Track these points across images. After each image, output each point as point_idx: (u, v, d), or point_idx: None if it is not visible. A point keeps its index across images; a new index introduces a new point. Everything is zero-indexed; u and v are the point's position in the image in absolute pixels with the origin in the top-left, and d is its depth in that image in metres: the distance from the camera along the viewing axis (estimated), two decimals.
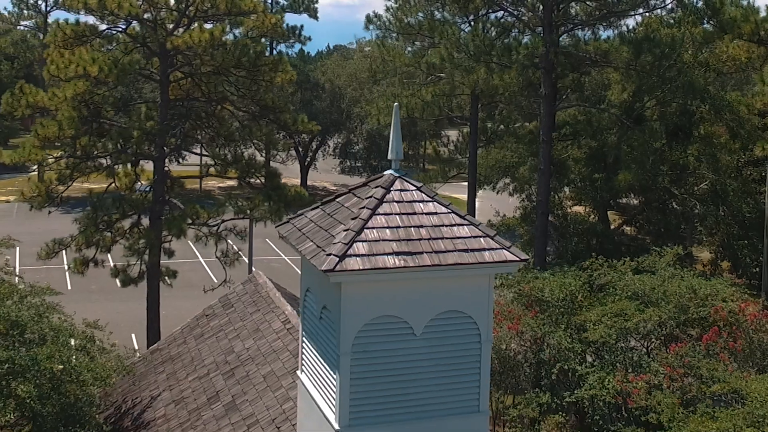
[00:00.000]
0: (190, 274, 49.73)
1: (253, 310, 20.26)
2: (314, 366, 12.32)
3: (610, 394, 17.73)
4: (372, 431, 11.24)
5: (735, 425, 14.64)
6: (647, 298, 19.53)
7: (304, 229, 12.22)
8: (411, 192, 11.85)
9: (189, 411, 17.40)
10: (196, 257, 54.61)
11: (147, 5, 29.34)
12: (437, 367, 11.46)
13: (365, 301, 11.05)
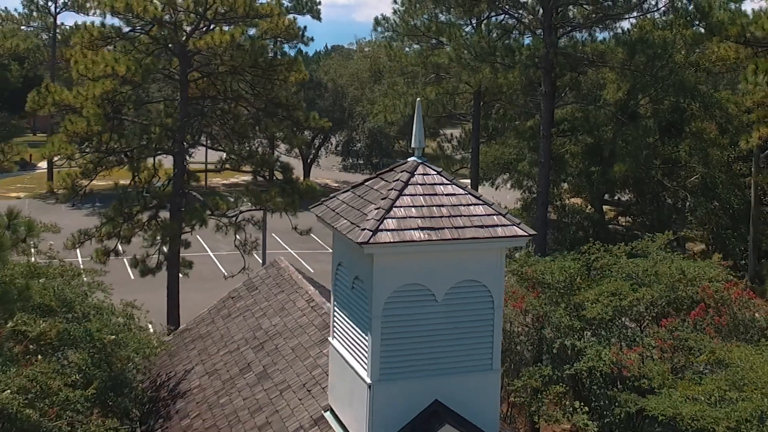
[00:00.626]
0: (201, 267, 51.14)
1: (278, 291, 21.70)
2: (345, 331, 13.80)
3: (607, 366, 19.19)
4: (399, 385, 12.75)
5: (718, 387, 16.13)
6: (640, 280, 21.02)
7: (338, 209, 13.72)
8: (432, 176, 13.36)
9: (223, 381, 18.85)
10: (206, 251, 56.03)
11: (169, 8, 30.77)
12: (455, 330, 12.97)
13: (394, 271, 12.56)
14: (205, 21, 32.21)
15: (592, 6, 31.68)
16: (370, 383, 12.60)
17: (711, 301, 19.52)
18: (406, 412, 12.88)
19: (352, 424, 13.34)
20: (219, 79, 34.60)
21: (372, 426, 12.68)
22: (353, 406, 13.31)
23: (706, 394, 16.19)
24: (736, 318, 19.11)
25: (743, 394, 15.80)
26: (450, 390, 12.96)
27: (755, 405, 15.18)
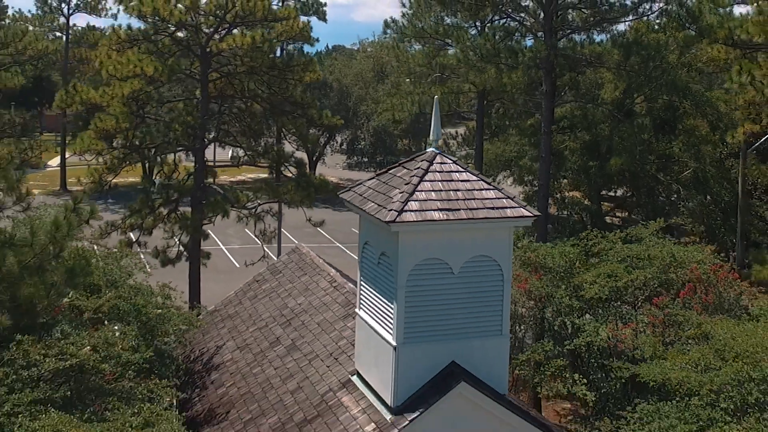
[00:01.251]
0: (215, 260, 52.77)
1: (301, 274, 23.33)
2: (372, 302, 15.46)
3: (603, 341, 20.82)
4: (420, 347, 14.41)
5: (703, 356, 17.75)
6: (634, 263, 22.63)
7: (365, 194, 15.39)
8: (449, 164, 15.03)
9: (254, 354, 20.48)
10: (218, 245, 57.65)
11: (192, 12, 32.34)
12: (470, 299, 14.63)
13: (416, 247, 14.23)
14: (224, 24, 33.82)
15: (590, 10, 33.32)
16: (396, 345, 14.27)
17: (698, 282, 21.18)
18: (427, 372, 14.55)
19: (378, 384, 15.00)
20: (237, 79, 36.18)
21: (397, 384, 14.35)
22: (379, 367, 14.97)
23: (692, 362, 17.83)
24: (721, 296, 20.74)
25: (725, 362, 17.46)
26: (465, 352, 14.63)
27: (735, 370, 16.82)
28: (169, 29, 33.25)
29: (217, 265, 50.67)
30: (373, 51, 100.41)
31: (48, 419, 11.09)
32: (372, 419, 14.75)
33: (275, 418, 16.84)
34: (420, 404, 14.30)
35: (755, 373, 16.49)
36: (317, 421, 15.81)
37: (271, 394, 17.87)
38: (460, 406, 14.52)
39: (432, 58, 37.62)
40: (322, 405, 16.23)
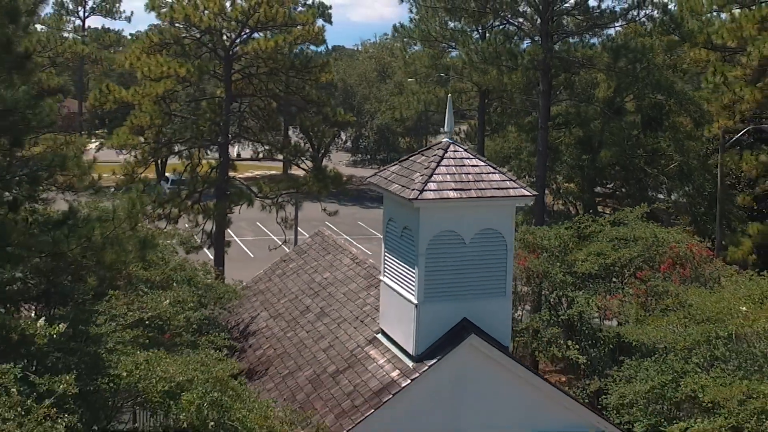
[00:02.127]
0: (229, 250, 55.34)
1: (325, 254, 25.79)
2: (395, 269, 17.93)
3: (593, 310, 23.27)
4: (437, 305, 16.90)
5: (679, 319, 20.22)
6: (621, 243, 25.07)
7: (390, 177, 17.87)
8: (461, 152, 17.51)
9: (287, 321, 22.94)
10: (232, 236, 60.08)
11: (219, 18, 34.71)
12: (479, 265, 17.10)
13: (434, 221, 16.71)
14: (247, 28, 36.22)
15: (583, 15, 35.78)
16: (417, 304, 16.77)
17: (677, 259, 23.64)
18: (442, 327, 17.05)
19: (401, 338, 17.49)
20: (256, 79, 38.56)
21: (417, 337, 16.85)
22: (402, 324, 17.47)
23: (670, 324, 20.33)
24: (696, 271, 23.21)
25: (697, 323, 19.95)
26: (475, 310, 17.12)
27: (704, 330, 19.29)
28: (196, 33, 35.64)
29: (232, 255, 53.15)
30: (374, 52, 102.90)
31: (141, 355, 13.54)
32: (396, 367, 17.27)
33: (310, 371, 19.32)
34: (437, 353, 16.81)
35: (721, 332, 18.97)
36: (348, 371, 18.31)
37: (305, 353, 20.34)
38: (471, 356, 17.03)
39: (437, 60, 40.08)
40: (351, 358, 18.73)
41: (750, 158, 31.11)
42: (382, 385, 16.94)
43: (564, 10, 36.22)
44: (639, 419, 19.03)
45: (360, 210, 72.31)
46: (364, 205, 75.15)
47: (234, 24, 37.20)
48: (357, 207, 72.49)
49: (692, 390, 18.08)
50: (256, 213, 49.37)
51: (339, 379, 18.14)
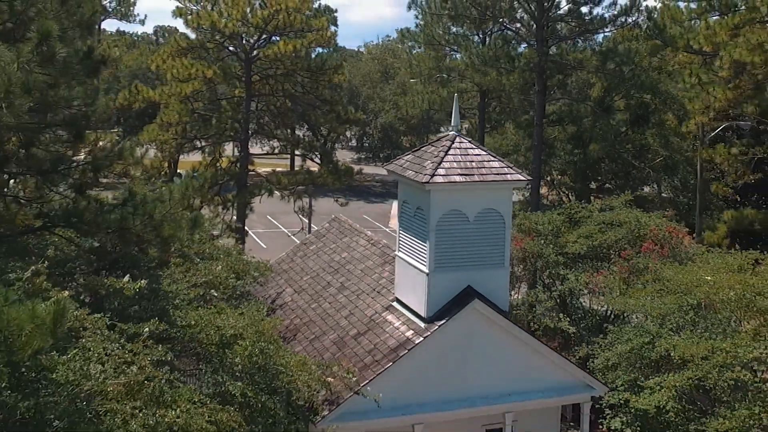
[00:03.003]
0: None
1: (342, 236, 28.28)
2: (409, 245, 20.43)
3: (582, 285, 25.74)
4: (445, 274, 19.39)
5: (655, 291, 22.73)
6: (607, 227, 27.52)
7: (404, 165, 20.38)
8: (465, 143, 20.01)
9: (310, 295, 25.43)
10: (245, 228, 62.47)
11: (242, 25, 37.14)
12: (481, 240, 19.60)
13: (442, 201, 19.21)
14: (266, 33, 38.71)
15: (575, 22, 38.27)
16: (428, 273, 19.29)
17: (656, 240, 26.12)
18: (449, 293, 19.55)
19: (414, 303, 20.00)
20: (273, 80, 41.02)
21: (428, 301, 19.36)
22: (415, 291, 19.98)
23: (647, 296, 22.84)
24: (674, 250, 25.69)
25: (671, 294, 22.46)
26: (477, 279, 19.62)
27: (676, 300, 21.81)
28: (220, 38, 38.13)
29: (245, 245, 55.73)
30: (377, 53, 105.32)
31: (200, 311, 16.02)
32: (411, 327, 19.80)
33: (334, 335, 21.82)
34: (445, 315, 19.34)
35: (691, 300, 21.51)
36: (368, 333, 20.83)
37: (328, 320, 22.85)
38: (475, 318, 19.56)
39: (440, 62, 42.51)
40: (371, 323, 21.24)
41: (723, 151, 33.63)
42: (398, 343, 19.48)
43: (558, 16, 38.72)
44: (620, 376, 21.51)
45: (365, 204, 74.91)
46: (368, 200, 77.79)
47: (253, 29, 39.72)
48: (362, 202, 75.10)
49: (665, 350, 20.56)
50: (266, 207, 51.95)
51: (360, 340, 20.66)
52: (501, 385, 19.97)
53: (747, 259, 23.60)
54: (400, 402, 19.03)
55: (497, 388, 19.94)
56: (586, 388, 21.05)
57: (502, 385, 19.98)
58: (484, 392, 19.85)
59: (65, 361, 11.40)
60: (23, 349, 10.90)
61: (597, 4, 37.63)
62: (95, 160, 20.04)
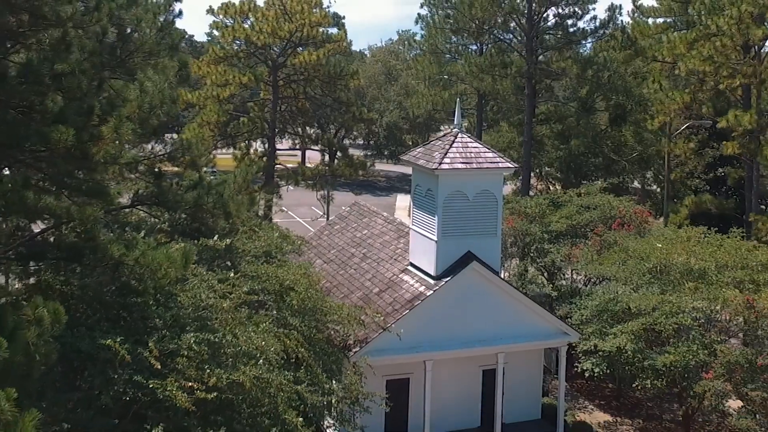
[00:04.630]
0: None
1: (362, 218, 32.65)
2: (420, 219, 24.79)
3: (563, 257, 30.12)
4: (450, 241, 23.73)
5: (620, 259, 27.14)
6: (584, 209, 31.88)
7: (417, 155, 24.77)
8: (466, 138, 24.38)
9: (337, 264, 29.79)
10: None
11: (272, 37, 41.44)
12: (478, 214, 23.93)
13: (448, 184, 23.57)
14: (291, 44, 43.09)
15: (560, 33, 42.60)
16: (436, 240, 23.68)
17: (624, 219, 30.55)
18: (453, 256, 23.88)
19: (425, 265, 24.36)
20: (296, 84, 45.39)
21: (437, 263, 23.69)
22: (426, 255, 24.35)
23: (614, 263, 27.24)
24: (638, 227, 30.11)
25: (632, 260, 26.87)
26: (475, 245, 23.96)
27: (636, 264, 26.22)
28: (251, 49, 42.53)
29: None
30: (381, 56, 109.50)
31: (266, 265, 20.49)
32: (423, 284, 24.19)
33: (360, 293, 26.19)
34: (450, 274, 23.70)
35: (648, 265, 25.93)
36: (389, 290, 25.23)
37: (355, 282, 27.24)
38: (473, 276, 23.93)
39: (442, 68, 46.82)
40: (390, 282, 25.63)
41: (683, 146, 38.01)
42: (413, 296, 23.91)
43: (546, 29, 43.10)
44: (591, 326, 25.90)
45: (372, 197, 79.39)
46: (375, 194, 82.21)
47: (279, 41, 44.11)
48: (369, 195, 79.54)
49: (626, 304, 24.98)
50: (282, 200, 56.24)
51: (382, 296, 25.06)
52: (494, 331, 24.30)
53: (695, 233, 28.05)
54: (415, 342, 23.39)
55: (491, 333, 24.28)
56: (563, 335, 25.43)
57: (495, 331, 24.31)
58: (480, 336, 24.19)
59: (189, 288, 15.77)
60: (163, 278, 15.34)
61: (579, 18, 42.06)
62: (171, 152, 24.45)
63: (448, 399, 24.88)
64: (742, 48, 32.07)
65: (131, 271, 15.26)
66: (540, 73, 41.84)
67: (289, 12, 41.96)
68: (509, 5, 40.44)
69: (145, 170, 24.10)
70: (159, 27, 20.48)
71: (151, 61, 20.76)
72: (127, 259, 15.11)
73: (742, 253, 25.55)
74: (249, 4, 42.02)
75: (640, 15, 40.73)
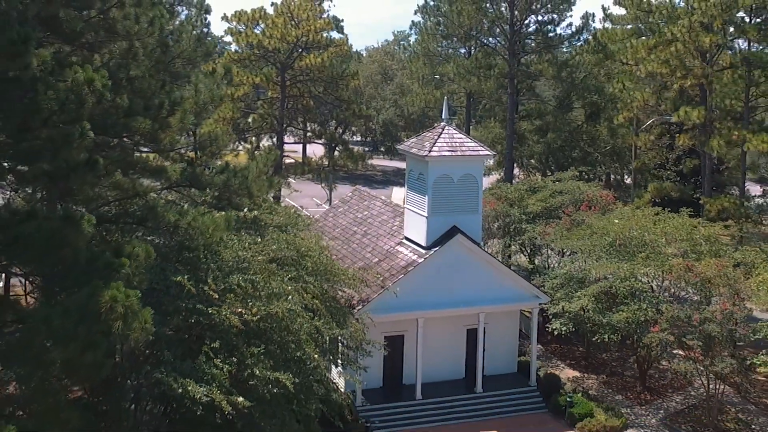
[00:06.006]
0: None
1: (362, 201, 36.27)
2: (413, 199, 28.43)
3: (538, 234, 33.81)
4: (438, 218, 27.36)
5: (585, 235, 30.82)
6: (557, 193, 35.60)
7: (410, 145, 28.42)
8: (452, 130, 27.97)
9: (342, 240, 33.36)
10: None
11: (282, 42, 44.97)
12: (461, 194, 27.51)
13: (436, 169, 27.21)
14: (297, 48, 46.69)
15: (540, 39, 46.34)
16: (427, 216, 27.36)
17: (591, 202, 34.31)
18: (441, 230, 27.45)
19: (418, 237, 27.99)
20: (301, 83, 48.94)
21: (427, 235, 27.33)
22: (418, 229, 28.01)
23: (580, 238, 30.96)
24: (603, 208, 33.86)
25: (596, 235, 30.60)
26: (460, 221, 27.58)
27: (599, 238, 29.94)
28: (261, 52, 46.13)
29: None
30: (377, 57, 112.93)
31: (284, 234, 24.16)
32: (415, 253, 27.84)
33: (362, 263, 29.77)
34: (438, 244, 27.29)
35: (608, 240, 29.65)
36: (386, 260, 28.90)
37: (357, 255, 30.89)
38: (458, 247, 27.57)
39: (434, 69, 50.46)
40: (387, 253, 29.30)
41: (645, 138, 41.79)
42: (407, 263, 27.59)
43: (526, 34, 46.86)
44: (559, 291, 29.58)
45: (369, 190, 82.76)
46: (372, 187, 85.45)
47: (287, 45, 47.65)
48: (366, 188, 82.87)
49: (588, 272, 28.72)
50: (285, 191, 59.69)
51: (381, 264, 28.72)
52: (476, 294, 27.84)
53: (649, 212, 31.81)
54: (409, 302, 26.94)
55: (474, 295, 27.82)
56: (535, 297, 29.05)
57: (477, 294, 27.85)
58: (464, 298, 27.74)
59: (230, 246, 19.47)
60: (210, 237, 18.99)
61: (557, 25, 45.82)
62: (201, 142, 28.04)
63: (437, 354, 28.46)
64: (699, 53, 35.70)
65: (185, 233, 18.85)
66: (521, 74, 45.57)
67: (296, 19, 45.58)
68: (493, 13, 44.21)
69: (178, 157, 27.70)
70: (197, 38, 24.15)
71: (190, 66, 24.45)
72: (181, 223, 18.75)
73: (687, 229, 29.29)
74: (260, 12, 45.61)
75: (610, 23, 44.55)
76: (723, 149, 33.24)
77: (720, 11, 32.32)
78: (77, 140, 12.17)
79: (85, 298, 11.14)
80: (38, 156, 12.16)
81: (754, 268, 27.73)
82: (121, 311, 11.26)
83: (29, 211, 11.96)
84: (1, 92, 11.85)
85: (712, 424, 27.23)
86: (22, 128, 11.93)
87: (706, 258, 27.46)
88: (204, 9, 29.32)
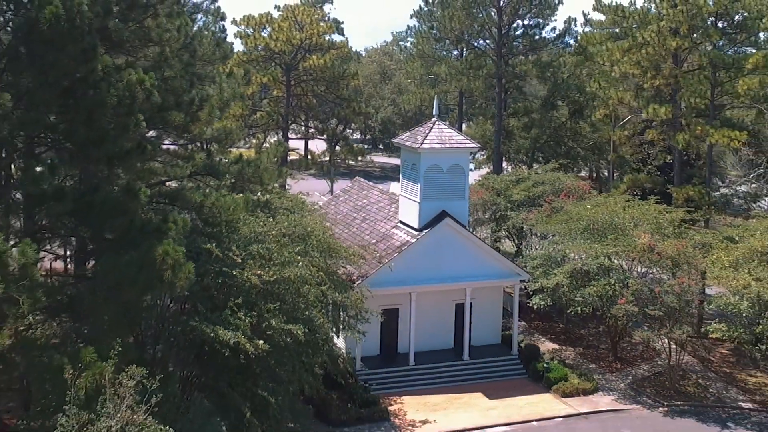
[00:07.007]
0: None
1: (362, 190, 39.05)
2: (407, 187, 31.24)
3: (521, 220, 36.62)
4: (429, 203, 30.14)
5: (562, 220, 33.58)
6: (539, 183, 38.42)
7: (404, 138, 31.19)
8: (441, 125, 30.73)
9: (343, 225, 36.06)
10: None
11: (288, 44, 47.72)
12: (450, 182, 30.17)
13: (428, 159, 29.98)
14: (302, 49, 49.49)
15: (526, 41, 49.15)
16: (419, 202, 30.15)
17: (569, 191, 37.14)
18: (432, 214, 30.13)
19: (411, 221, 30.75)
20: (304, 83, 51.72)
21: (419, 219, 30.09)
22: (411, 214, 30.77)
23: (558, 222, 33.76)
24: (581, 197, 36.67)
25: (573, 221, 33.40)
26: (449, 206, 30.25)
27: (574, 223, 32.74)
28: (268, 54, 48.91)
29: None
30: (376, 57, 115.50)
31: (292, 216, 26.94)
32: (409, 235, 30.60)
33: (361, 244, 32.73)
34: (429, 227, 29.94)
35: (582, 224, 32.42)
36: (383, 241, 31.68)
37: (357, 237, 33.63)
38: (447, 229, 30.31)
39: (429, 69, 53.21)
40: (384, 235, 32.08)
41: (620, 134, 44.66)
42: (401, 243, 30.38)
43: (513, 36, 49.72)
44: (538, 269, 32.34)
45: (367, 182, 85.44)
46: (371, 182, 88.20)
47: (291, 47, 50.47)
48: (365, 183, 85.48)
49: (564, 253, 31.54)
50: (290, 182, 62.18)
51: (378, 245, 31.47)
52: (463, 271, 30.44)
53: (620, 199, 34.65)
54: (402, 278, 29.65)
55: (461, 272, 30.44)
56: (516, 275, 31.76)
57: (463, 271, 30.44)
58: (452, 275, 30.38)
59: (248, 223, 22.33)
60: (232, 215, 21.79)
61: (542, 29, 48.67)
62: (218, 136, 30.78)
63: (428, 326, 31.11)
64: (671, 55, 38.39)
65: (209, 211, 21.65)
66: (508, 74, 48.39)
67: (300, 23, 48.39)
68: (483, 18, 47.02)
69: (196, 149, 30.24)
70: (216, 42, 26.93)
71: (209, 67, 27.24)
72: (206, 202, 21.55)
73: (653, 214, 32.13)
74: (267, 17, 48.44)
75: (590, 27, 47.39)
76: (688, 143, 35.99)
77: (686, 17, 35.11)
78: (132, 129, 14.93)
79: (143, 251, 13.94)
80: (102, 141, 14.90)
81: (711, 249, 30.54)
82: (171, 263, 14.05)
83: (96, 185, 14.74)
84: (72, 90, 14.62)
85: (674, 387, 30.04)
86: (88, 119, 14.70)
87: (668, 240, 30.27)
88: (219, 16, 32.19)
